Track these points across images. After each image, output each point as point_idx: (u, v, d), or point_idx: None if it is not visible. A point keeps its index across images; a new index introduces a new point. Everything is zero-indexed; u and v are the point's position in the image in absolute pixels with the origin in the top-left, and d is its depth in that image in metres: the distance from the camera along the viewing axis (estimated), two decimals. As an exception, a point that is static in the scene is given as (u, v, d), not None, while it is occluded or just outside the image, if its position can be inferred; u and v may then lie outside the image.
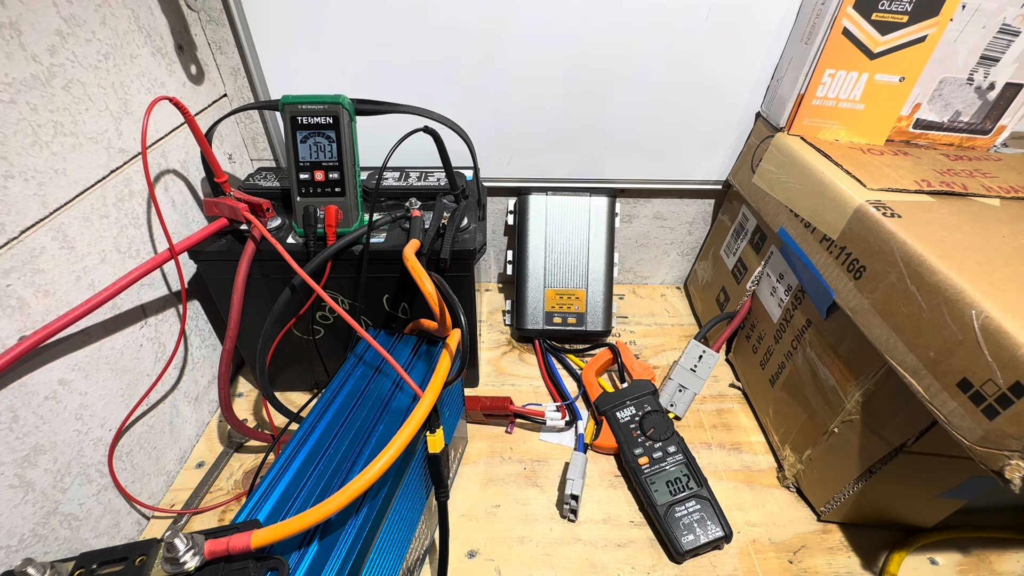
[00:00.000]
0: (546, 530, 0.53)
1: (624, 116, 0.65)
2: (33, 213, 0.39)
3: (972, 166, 0.54)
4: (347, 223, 0.51)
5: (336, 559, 0.32)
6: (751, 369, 0.65)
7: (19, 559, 0.36)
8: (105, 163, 0.45)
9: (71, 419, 0.43)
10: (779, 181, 0.58)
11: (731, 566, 0.50)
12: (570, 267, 0.72)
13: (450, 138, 0.51)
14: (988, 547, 0.51)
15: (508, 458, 0.59)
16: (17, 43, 0.37)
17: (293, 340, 0.58)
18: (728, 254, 0.71)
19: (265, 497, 0.35)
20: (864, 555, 0.50)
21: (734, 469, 0.58)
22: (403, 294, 0.55)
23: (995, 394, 0.33)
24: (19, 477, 0.38)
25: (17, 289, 0.37)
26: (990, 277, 0.37)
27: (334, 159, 0.49)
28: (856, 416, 0.47)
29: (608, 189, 0.72)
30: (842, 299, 0.47)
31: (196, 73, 0.58)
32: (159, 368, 0.53)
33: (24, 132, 0.38)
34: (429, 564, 0.49)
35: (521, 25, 0.58)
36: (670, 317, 0.81)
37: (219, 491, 0.55)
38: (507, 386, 0.68)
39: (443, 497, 0.43)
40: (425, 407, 0.37)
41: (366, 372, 0.46)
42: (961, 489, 0.46)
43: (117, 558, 0.29)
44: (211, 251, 0.51)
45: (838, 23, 0.52)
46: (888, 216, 0.43)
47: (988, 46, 0.53)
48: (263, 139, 0.68)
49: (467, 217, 0.53)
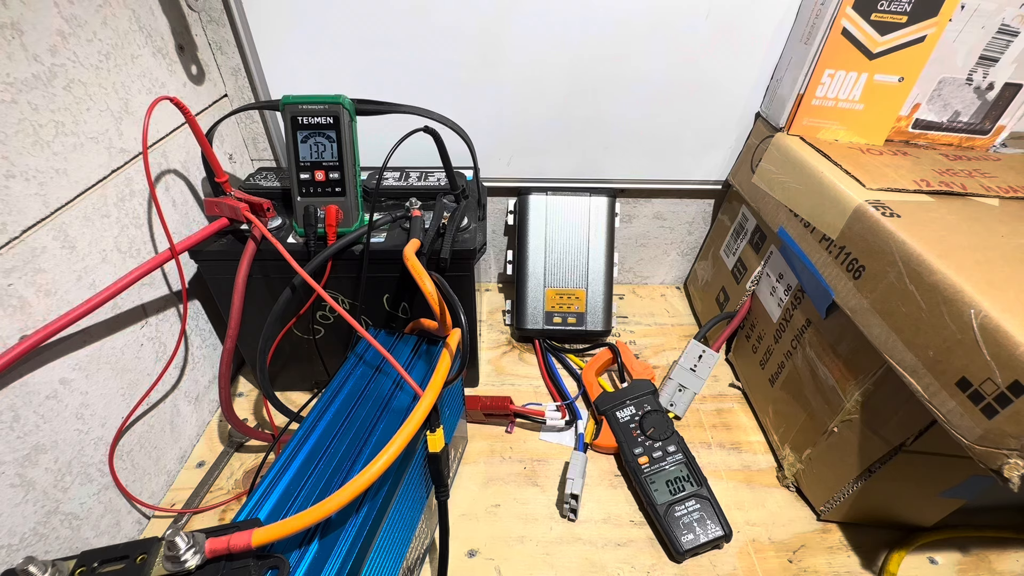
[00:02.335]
0: (546, 529, 0.53)
1: (624, 116, 0.66)
2: (34, 213, 0.39)
3: (971, 166, 0.54)
4: (347, 223, 0.51)
5: (336, 558, 0.32)
6: (751, 369, 0.65)
7: (20, 558, 0.36)
8: (106, 163, 0.45)
9: (72, 418, 0.43)
10: (779, 181, 0.58)
11: (731, 565, 0.50)
12: (570, 267, 0.72)
13: (450, 138, 0.51)
14: (987, 546, 0.51)
15: (508, 458, 0.59)
16: (19, 43, 0.37)
17: (293, 340, 0.59)
18: (728, 254, 0.71)
19: (265, 496, 0.35)
20: (864, 554, 0.51)
21: (734, 469, 0.59)
22: (403, 294, 0.55)
23: (994, 393, 0.33)
24: (20, 476, 0.38)
25: (18, 288, 0.37)
26: (989, 276, 0.37)
27: (334, 159, 0.49)
28: (855, 415, 0.47)
29: (608, 189, 0.72)
30: (841, 299, 0.47)
31: (197, 73, 0.58)
32: (160, 367, 0.53)
33: (25, 132, 0.38)
34: (429, 563, 0.49)
35: (521, 25, 0.58)
36: (670, 317, 0.81)
37: (219, 490, 0.55)
38: (507, 386, 0.69)
39: (443, 496, 0.43)
40: (425, 406, 0.37)
41: (366, 372, 0.46)
42: (960, 488, 0.46)
43: (118, 556, 0.29)
44: (212, 251, 0.51)
45: (837, 23, 0.52)
46: (887, 216, 0.43)
47: (987, 46, 0.53)
48: (263, 139, 0.68)
49: (467, 217, 0.53)
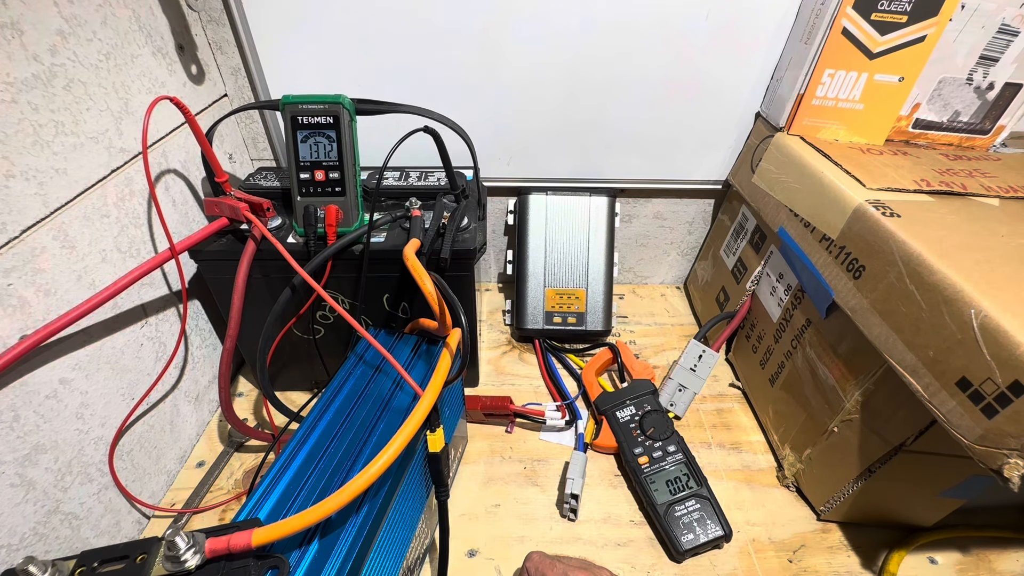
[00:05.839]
0: (546, 529, 0.53)
1: (624, 116, 0.65)
2: (34, 212, 0.39)
3: (971, 166, 0.54)
4: (347, 223, 0.51)
5: (336, 558, 0.32)
6: (751, 369, 0.65)
7: (20, 557, 0.36)
8: (106, 163, 0.45)
9: (72, 418, 0.43)
10: (779, 181, 0.58)
11: (731, 565, 0.50)
12: (570, 267, 0.72)
13: (450, 138, 0.51)
14: (987, 546, 0.51)
15: (508, 457, 0.59)
16: (19, 43, 0.37)
17: (293, 340, 0.59)
18: (728, 254, 0.71)
19: (265, 496, 0.35)
20: (864, 554, 0.51)
21: (734, 468, 0.59)
22: (403, 294, 0.55)
23: (994, 393, 0.33)
24: (20, 476, 0.38)
25: (18, 288, 0.37)
26: (989, 276, 0.37)
27: (334, 159, 0.49)
28: (855, 415, 0.47)
29: (608, 189, 0.72)
30: (841, 298, 0.47)
31: (197, 73, 0.58)
32: (159, 367, 0.53)
33: (25, 132, 0.38)
34: (429, 563, 0.49)
35: (521, 25, 0.58)
36: (670, 317, 0.81)
37: (219, 490, 0.55)
38: (507, 386, 0.69)
39: (443, 496, 0.43)
40: (425, 406, 0.37)
41: (366, 371, 0.46)
42: (960, 488, 0.46)
43: (118, 556, 0.29)
44: (211, 251, 0.51)
45: (837, 23, 0.52)
46: (887, 216, 0.43)
47: (987, 46, 0.53)
48: (263, 139, 0.68)
49: (467, 217, 0.53)
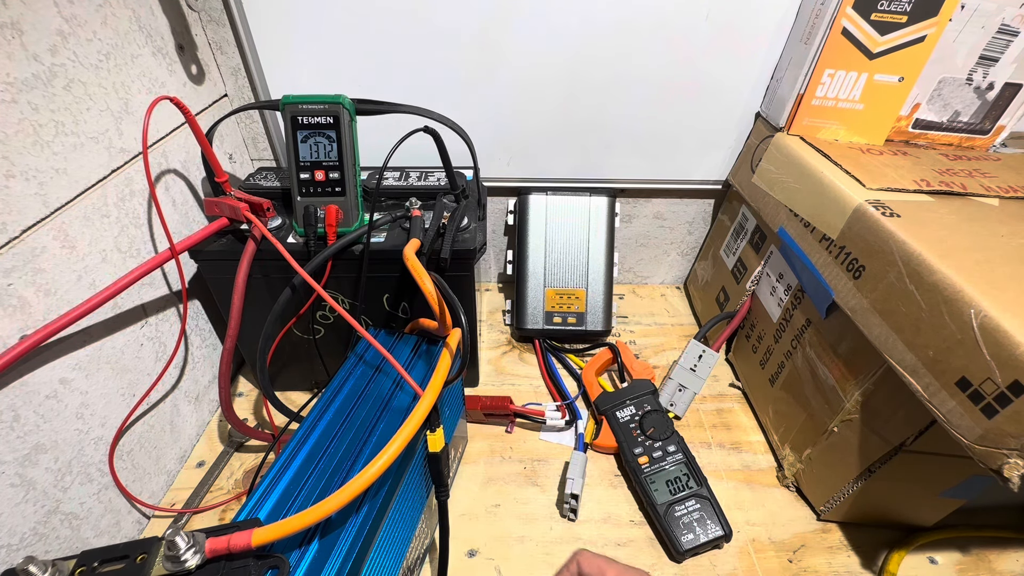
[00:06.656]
0: (546, 529, 0.53)
1: (624, 116, 0.66)
2: (34, 212, 0.39)
3: (971, 166, 0.54)
4: (347, 223, 0.51)
5: (336, 558, 0.32)
6: (751, 369, 0.65)
7: (20, 557, 0.36)
8: (106, 163, 0.45)
9: (72, 418, 0.43)
10: (779, 181, 0.58)
11: (731, 565, 0.50)
12: (570, 267, 0.72)
13: (450, 138, 0.51)
14: (987, 546, 0.51)
15: (508, 457, 0.59)
16: (19, 43, 0.37)
17: (293, 340, 0.59)
18: (728, 254, 0.71)
19: (265, 496, 0.35)
20: (864, 554, 0.51)
21: (734, 468, 0.59)
22: (403, 294, 0.55)
23: (994, 393, 0.33)
24: (20, 476, 0.38)
25: (18, 288, 0.37)
26: (989, 276, 0.37)
27: (334, 159, 0.49)
28: (855, 415, 0.47)
29: (608, 189, 0.72)
30: (841, 298, 0.47)
31: (197, 73, 0.58)
32: (160, 367, 0.53)
33: (25, 132, 0.38)
34: (429, 563, 0.49)
35: (521, 25, 0.58)
36: (670, 317, 0.81)
37: (219, 490, 0.55)
38: (507, 386, 0.69)
39: (443, 496, 0.43)
40: (425, 406, 0.37)
41: (366, 371, 0.46)
42: (960, 488, 0.46)
43: (118, 556, 0.29)
44: (212, 251, 0.51)
45: (837, 23, 0.52)
46: (887, 216, 0.43)
47: (987, 46, 0.53)
48: (263, 139, 0.68)
49: (467, 217, 0.53)
